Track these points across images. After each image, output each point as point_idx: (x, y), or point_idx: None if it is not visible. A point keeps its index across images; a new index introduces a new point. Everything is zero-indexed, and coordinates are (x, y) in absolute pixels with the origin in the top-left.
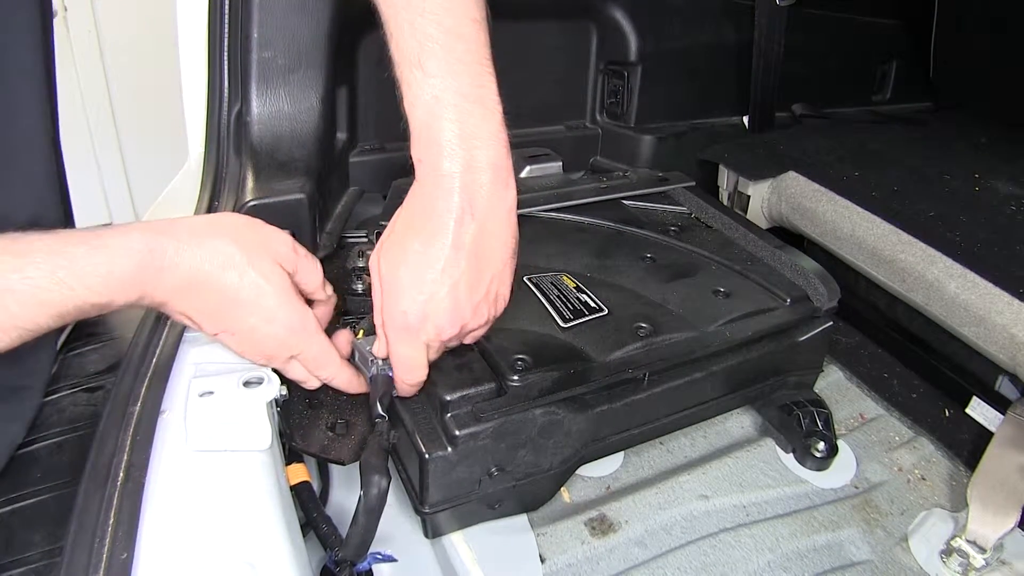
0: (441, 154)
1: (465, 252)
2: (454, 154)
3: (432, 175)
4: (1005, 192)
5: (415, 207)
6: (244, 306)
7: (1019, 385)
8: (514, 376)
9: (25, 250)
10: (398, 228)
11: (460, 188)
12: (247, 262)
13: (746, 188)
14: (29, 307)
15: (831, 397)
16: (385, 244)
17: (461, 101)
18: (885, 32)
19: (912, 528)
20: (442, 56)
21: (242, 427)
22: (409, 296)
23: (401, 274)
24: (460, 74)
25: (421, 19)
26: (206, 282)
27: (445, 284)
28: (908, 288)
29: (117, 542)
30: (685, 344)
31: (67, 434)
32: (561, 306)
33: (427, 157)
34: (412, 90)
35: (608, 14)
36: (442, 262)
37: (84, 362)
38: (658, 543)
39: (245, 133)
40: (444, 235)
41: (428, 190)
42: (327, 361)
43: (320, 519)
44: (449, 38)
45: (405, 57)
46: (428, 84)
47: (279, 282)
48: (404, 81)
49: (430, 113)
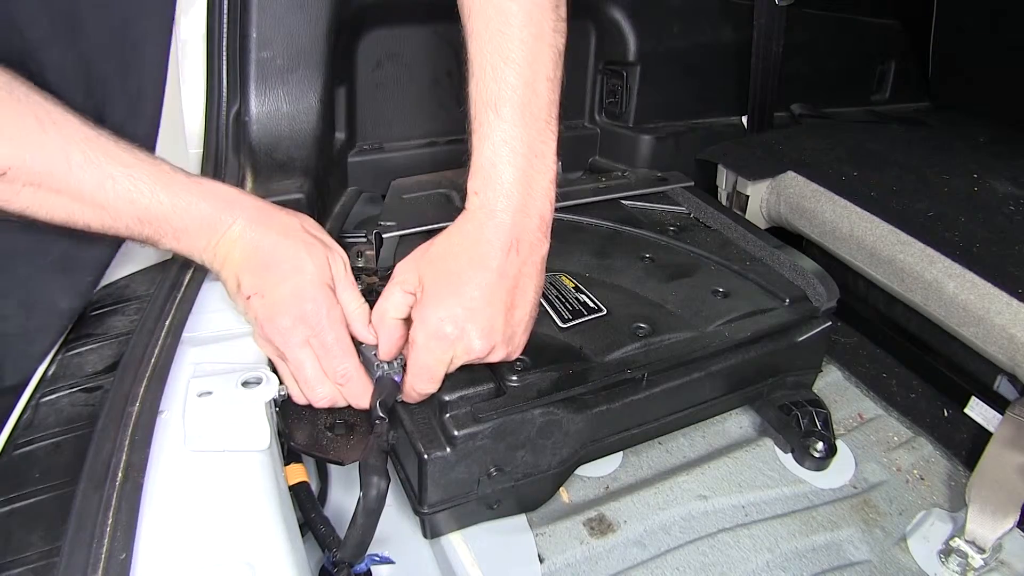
0: (500, 194)
1: (508, 282)
2: (511, 197)
3: (486, 209)
4: (1004, 192)
5: (465, 232)
6: (284, 274)
7: (1018, 385)
8: (513, 376)
9: (137, 159)
10: (443, 246)
11: (511, 226)
12: (303, 241)
13: (745, 188)
14: (121, 200)
15: (830, 397)
16: (428, 255)
17: (527, 151)
18: (884, 32)
19: (911, 528)
20: (517, 105)
21: (241, 427)
22: (450, 305)
23: (445, 284)
24: (529, 126)
25: (504, 66)
26: (262, 239)
27: (486, 304)
28: (907, 288)
29: (116, 542)
30: (684, 344)
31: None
32: (560, 306)
33: (484, 193)
34: (483, 129)
35: (607, 14)
36: (487, 285)
37: (83, 362)
38: (657, 543)
39: (244, 133)
40: (492, 261)
41: (480, 221)
42: (341, 352)
43: (318, 520)
44: (527, 90)
45: (483, 97)
46: (500, 128)
47: (320, 269)
48: (476, 119)
49: (496, 154)
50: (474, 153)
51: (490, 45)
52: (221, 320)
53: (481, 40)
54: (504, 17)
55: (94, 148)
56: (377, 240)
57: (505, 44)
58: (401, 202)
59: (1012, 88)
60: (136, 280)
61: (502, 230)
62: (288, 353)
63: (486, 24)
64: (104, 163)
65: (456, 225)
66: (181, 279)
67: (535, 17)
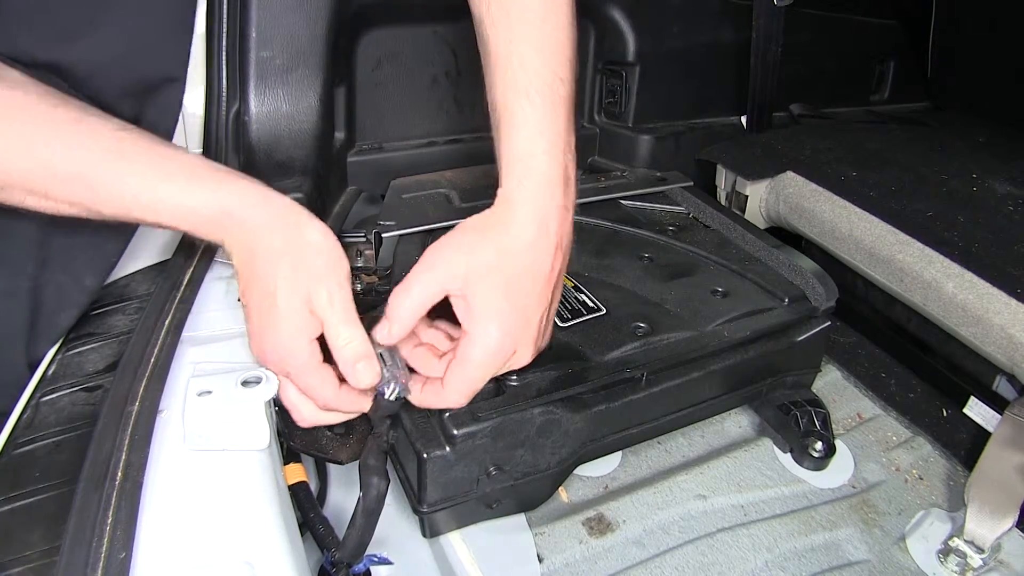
0: (542, 185)
1: (554, 283)
2: (554, 190)
3: (532, 204)
4: (1003, 192)
5: (515, 234)
6: (258, 303)
7: (1017, 385)
8: (512, 376)
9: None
10: (494, 248)
11: (558, 225)
12: (290, 266)
13: (744, 188)
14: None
15: (829, 397)
16: (479, 257)
17: (563, 143)
18: (883, 32)
19: (910, 528)
20: (548, 94)
21: (240, 426)
22: (511, 321)
23: (505, 295)
24: (559, 115)
25: (534, 55)
26: (255, 263)
27: (537, 314)
28: (906, 288)
29: (115, 541)
30: (683, 344)
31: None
32: (559, 306)
33: (524, 184)
34: (516, 118)
35: (606, 14)
36: (540, 293)
37: (83, 361)
38: (656, 543)
39: (243, 132)
40: (544, 266)
41: (527, 219)
42: (322, 384)
43: (317, 519)
44: (555, 79)
45: (513, 85)
46: (534, 116)
47: (296, 315)
48: (507, 108)
49: (534, 144)
50: (505, 143)
51: (516, 33)
52: (221, 320)
53: (504, 27)
54: (525, 5)
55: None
56: (377, 240)
57: (531, 33)
58: (401, 202)
59: (1012, 88)
60: (136, 280)
61: (551, 229)
62: (270, 373)
63: (507, 12)
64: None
65: (500, 221)
66: (181, 279)
67: (553, 9)
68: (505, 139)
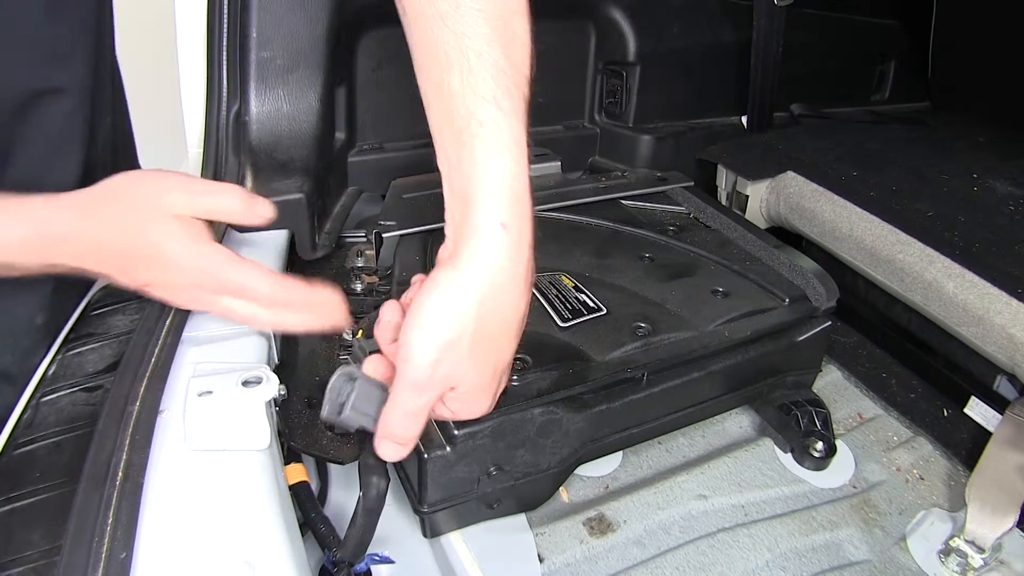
0: (523, 218)
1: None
2: (528, 219)
3: (518, 233)
4: (1004, 192)
5: (495, 271)
6: (152, 263)
7: (1017, 385)
8: (512, 375)
9: None
10: (468, 315)
11: (528, 256)
12: (140, 222)
13: (744, 188)
14: None
15: (829, 397)
16: (452, 337)
17: (526, 155)
18: (883, 32)
19: (910, 528)
20: (516, 96)
21: (241, 426)
22: (489, 379)
23: (482, 360)
24: (523, 121)
25: (490, 50)
26: (109, 247)
27: (507, 358)
28: (906, 288)
29: (116, 541)
30: (684, 344)
31: (66, 434)
32: (560, 305)
33: (514, 212)
34: (487, 131)
35: (607, 14)
36: (512, 338)
37: (83, 362)
38: (656, 543)
39: (244, 133)
40: (520, 308)
41: (511, 246)
42: (256, 285)
43: (318, 519)
44: (518, 77)
45: (477, 90)
46: (508, 125)
47: (176, 233)
48: (473, 118)
49: (516, 163)
50: (482, 166)
51: (466, 27)
52: (221, 320)
53: (451, 22)
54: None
55: None
56: (377, 240)
57: (481, 26)
58: (401, 202)
59: (1012, 88)
60: None
61: (526, 265)
62: (218, 311)
63: (457, 4)
64: None
65: (482, 260)
66: None
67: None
68: (481, 161)
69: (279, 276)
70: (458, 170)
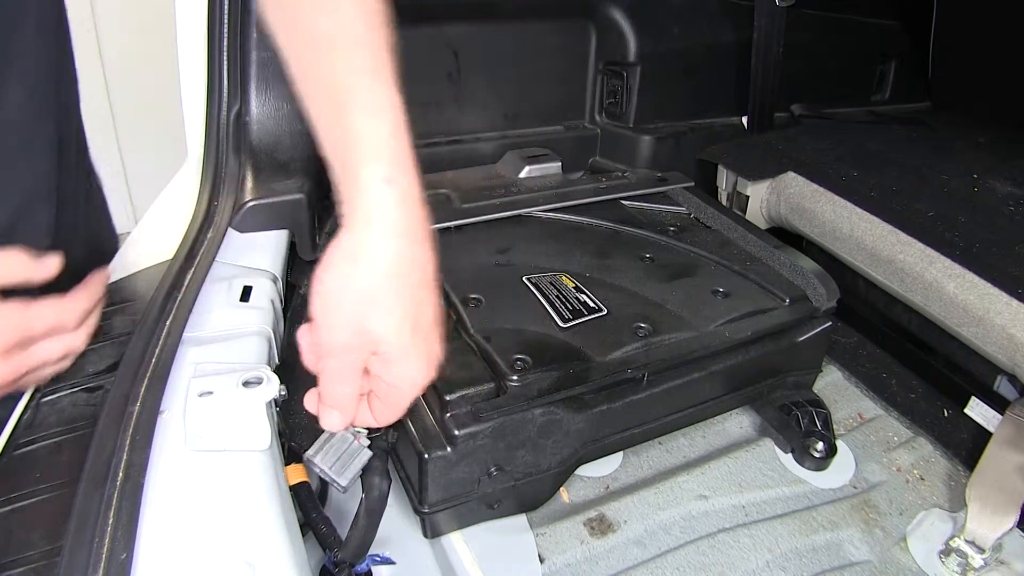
0: (408, 165)
1: None
2: (408, 165)
3: (404, 187)
4: (1004, 192)
5: (387, 226)
6: None
7: (1018, 385)
8: (513, 376)
9: None
10: (378, 242)
11: (418, 201)
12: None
13: (745, 188)
14: None
15: (830, 397)
16: (382, 261)
17: (401, 111)
18: (884, 32)
19: (911, 528)
20: (386, 63)
21: (241, 427)
22: (419, 303)
23: (405, 278)
24: (392, 83)
25: (360, 26)
26: None
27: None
28: (907, 288)
29: (116, 542)
30: (684, 344)
31: (66, 434)
32: (560, 306)
33: (397, 168)
34: (360, 97)
35: (607, 14)
36: (431, 297)
37: (83, 362)
38: (657, 543)
39: (244, 133)
40: (422, 247)
41: (399, 200)
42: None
43: (319, 520)
44: (383, 38)
45: (349, 64)
46: (380, 91)
47: None
48: (350, 89)
49: (392, 123)
50: (361, 132)
51: (327, 3)
52: (222, 320)
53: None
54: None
55: None
56: None
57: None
58: None
59: (1012, 88)
60: (136, 280)
61: (417, 219)
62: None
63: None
64: None
65: (368, 233)
66: (182, 279)
67: None
68: (348, 125)
69: (68, 296)
70: (340, 140)
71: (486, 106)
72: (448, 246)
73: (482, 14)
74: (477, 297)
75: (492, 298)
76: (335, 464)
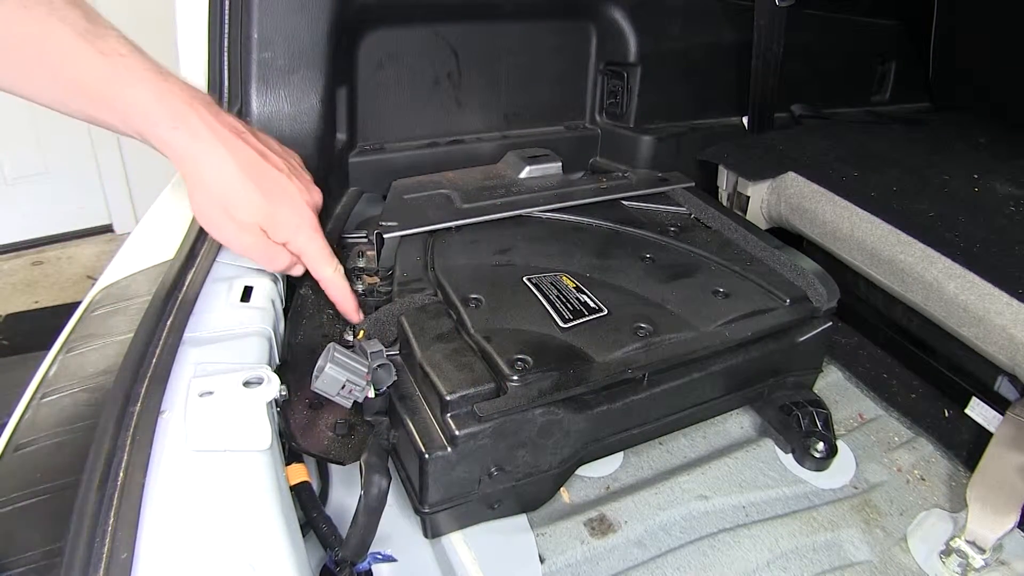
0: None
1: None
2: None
3: (193, 124)
4: (1004, 192)
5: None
6: None
7: (1018, 385)
8: (514, 376)
9: None
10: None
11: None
12: None
13: (745, 188)
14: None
15: (830, 397)
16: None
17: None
18: (884, 33)
19: (911, 528)
20: (118, 37)
21: (242, 427)
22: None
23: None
24: (140, 52)
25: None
26: None
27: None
28: (907, 288)
29: (117, 542)
30: (684, 344)
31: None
32: (561, 306)
33: (177, 116)
34: (122, 73)
35: (607, 14)
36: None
37: (84, 362)
38: (657, 543)
39: None
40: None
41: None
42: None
43: (320, 519)
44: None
45: (98, 48)
46: (135, 62)
47: None
48: (110, 68)
49: (156, 82)
50: (134, 100)
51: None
52: (222, 320)
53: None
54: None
55: None
56: (378, 240)
57: None
58: (402, 203)
59: (1012, 88)
60: (136, 280)
61: (213, 140)
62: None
63: None
64: None
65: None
66: (183, 279)
67: None
68: (120, 98)
69: None
70: (120, 112)
71: (486, 106)
72: (448, 246)
73: (482, 14)
74: (477, 297)
75: (492, 298)
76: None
